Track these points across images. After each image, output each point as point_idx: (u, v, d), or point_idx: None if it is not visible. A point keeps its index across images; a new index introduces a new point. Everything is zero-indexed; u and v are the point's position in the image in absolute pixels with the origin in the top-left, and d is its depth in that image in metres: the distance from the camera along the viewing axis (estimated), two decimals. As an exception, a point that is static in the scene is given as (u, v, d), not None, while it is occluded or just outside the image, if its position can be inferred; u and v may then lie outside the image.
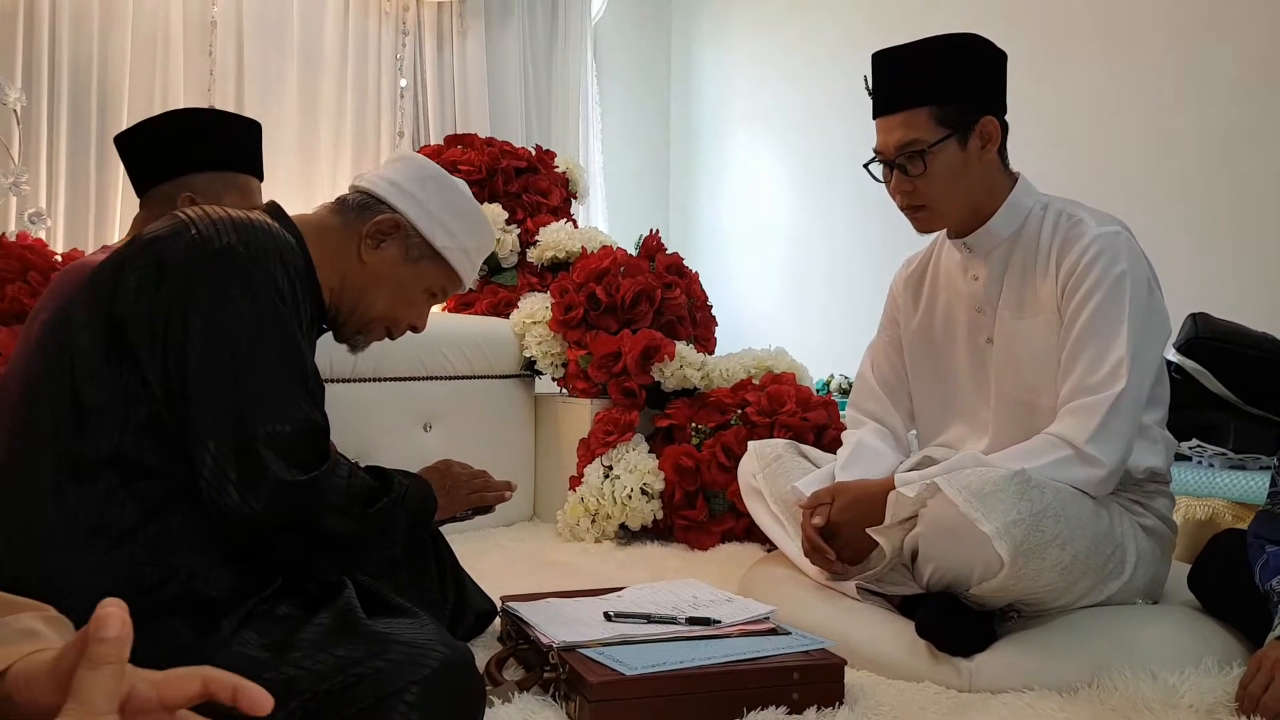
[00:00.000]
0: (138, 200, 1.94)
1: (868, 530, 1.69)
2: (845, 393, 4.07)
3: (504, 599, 1.81)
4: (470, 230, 1.56)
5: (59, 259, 2.58)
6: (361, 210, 1.48)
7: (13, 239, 2.63)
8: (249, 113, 3.22)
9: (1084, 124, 3.62)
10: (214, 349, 1.21)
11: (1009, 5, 3.83)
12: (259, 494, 1.19)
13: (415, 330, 1.57)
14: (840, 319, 4.45)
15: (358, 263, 1.46)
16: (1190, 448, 2.58)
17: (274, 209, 1.44)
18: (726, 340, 3.47)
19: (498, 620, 1.84)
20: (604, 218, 5.16)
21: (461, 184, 1.59)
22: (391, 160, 1.58)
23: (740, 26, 5.23)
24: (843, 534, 1.79)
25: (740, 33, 5.24)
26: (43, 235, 3.09)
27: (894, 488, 1.71)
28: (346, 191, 1.54)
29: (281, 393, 1.24)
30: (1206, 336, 2.55)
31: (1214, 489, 2.48)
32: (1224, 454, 2.53)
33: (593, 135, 5.23)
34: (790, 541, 1.99)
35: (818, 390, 3.96)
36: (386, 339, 1.57)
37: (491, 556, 2.49)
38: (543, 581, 2.11)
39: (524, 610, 1.71)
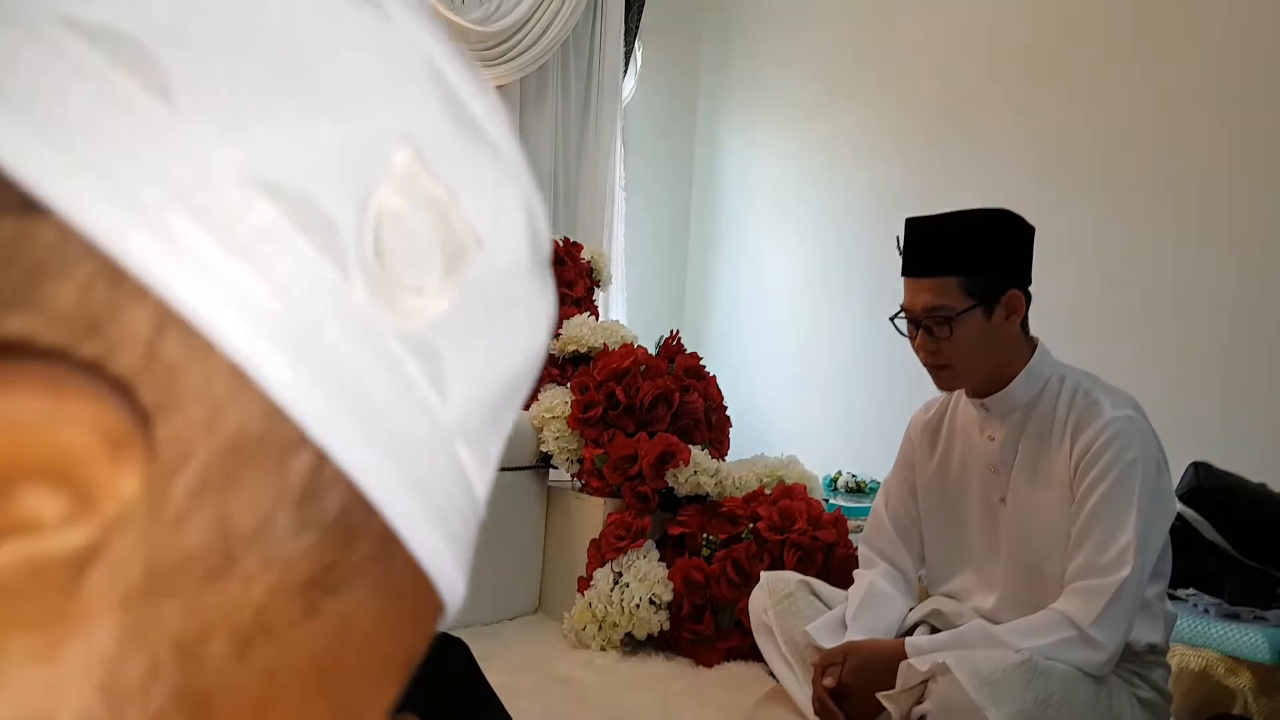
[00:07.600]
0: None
1: (878, 695, 1.76)
2: (851, 490, 4.13)
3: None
4: None
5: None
6: None
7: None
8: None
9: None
10: None
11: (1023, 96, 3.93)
12: None
13: None
14: (851, 415, 4.51)
15: None
16: (1187, 594, 2.64)
17: None
18: (738, 431, 3.52)
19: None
20: (623, 300, 5.23)
21: None
22: None
23: (767, 121, 5.29)
24: (853, 694, 1.85)
25: (766, 128, 5.30)
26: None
27: (904, 650, 1.78)
28: None
29: None
30: (1209, 487, 2.63)
31: (1208, 639, 2.53)
32: (1219, 603, 2.59)
33: (617, 218, 5.30)
34: (798, 686, 2.05)
35: (825, 487, 4.02)
36: None
37: (497, 664, 2.52)
38: (548, 702, 2.15)
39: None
